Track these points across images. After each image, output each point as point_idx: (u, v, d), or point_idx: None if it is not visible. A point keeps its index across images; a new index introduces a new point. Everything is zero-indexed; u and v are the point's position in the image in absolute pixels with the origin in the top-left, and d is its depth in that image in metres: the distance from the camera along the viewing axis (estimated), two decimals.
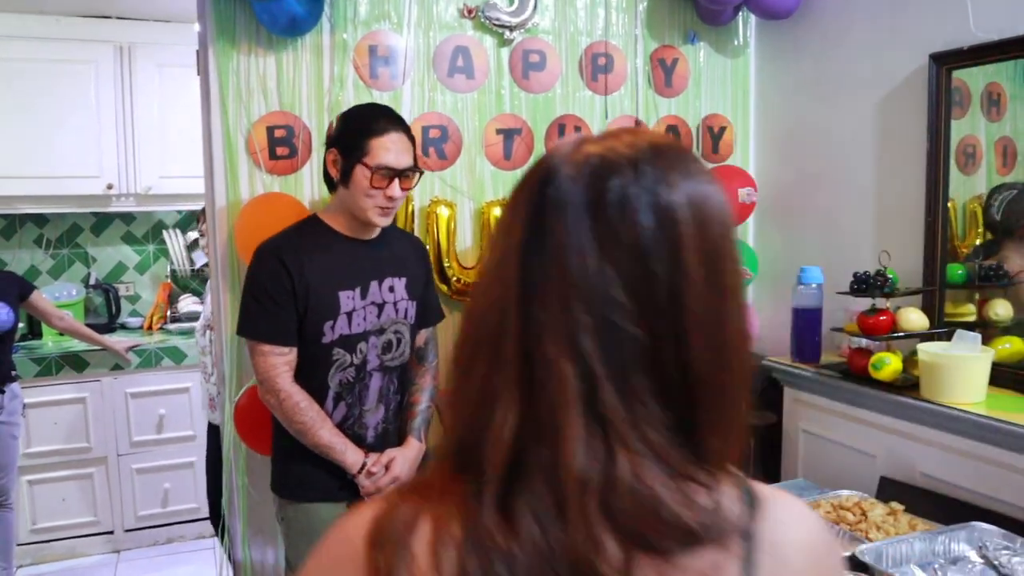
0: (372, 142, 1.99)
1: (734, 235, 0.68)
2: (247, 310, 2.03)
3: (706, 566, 0.61)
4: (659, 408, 0.61)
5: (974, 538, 1.70)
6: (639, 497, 0.59)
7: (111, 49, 3.90)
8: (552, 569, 0.58)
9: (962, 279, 2.42)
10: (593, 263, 0.61)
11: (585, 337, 0.60)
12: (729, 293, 0.64)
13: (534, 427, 0.61)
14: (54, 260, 4.31)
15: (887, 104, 2.61)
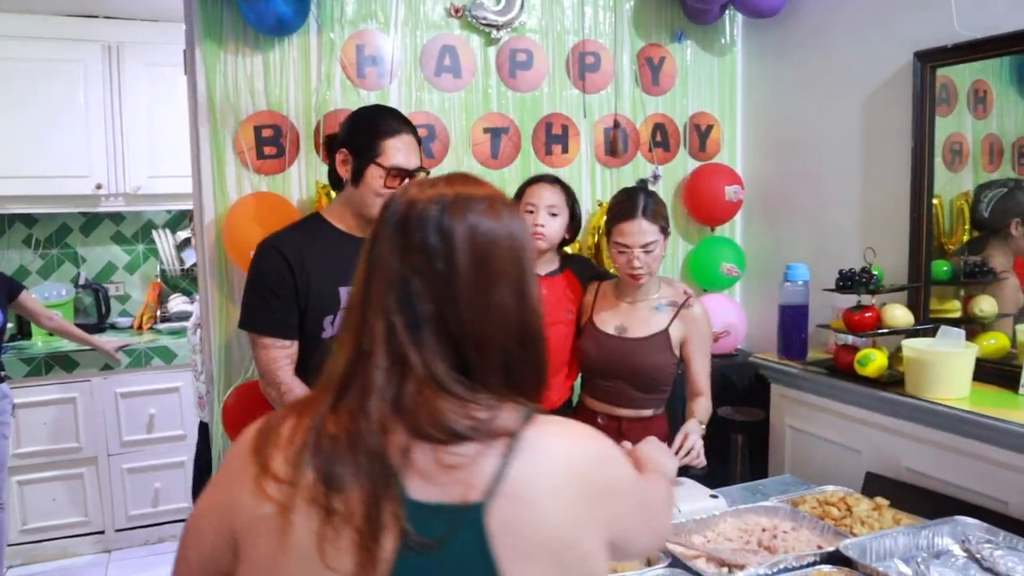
0: (385, 143, 2.00)
1: (507, 248, 0.96)
2: (249, 304, 2.03)
3: (470, 453, 0.88)
4: (443, 354, 0.92)
5: (957, 532, 1.71)
6: (420, 404, 0.89)
7: (99, 48, 3.89)
8: (358, 445, 0.88)
9: (947, 276, 2.44)
10: (395, 262, 0.94)
11: (392, 306, 0.93)
12: (495, 282, 0.94)
13: (359, 361, 0.93)
14: (43, 260, 4.29)
15: (873, 102, 2.63)
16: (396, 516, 0.86)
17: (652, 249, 2.17)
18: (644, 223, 2.15)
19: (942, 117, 2.43)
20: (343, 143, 2.04)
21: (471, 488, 0.87)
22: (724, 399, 2.81)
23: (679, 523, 1.78)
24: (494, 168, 2.77)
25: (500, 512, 0.86)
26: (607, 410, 2.30)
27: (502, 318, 0.94)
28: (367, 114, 2.08)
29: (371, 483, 0.87)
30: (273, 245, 2.01)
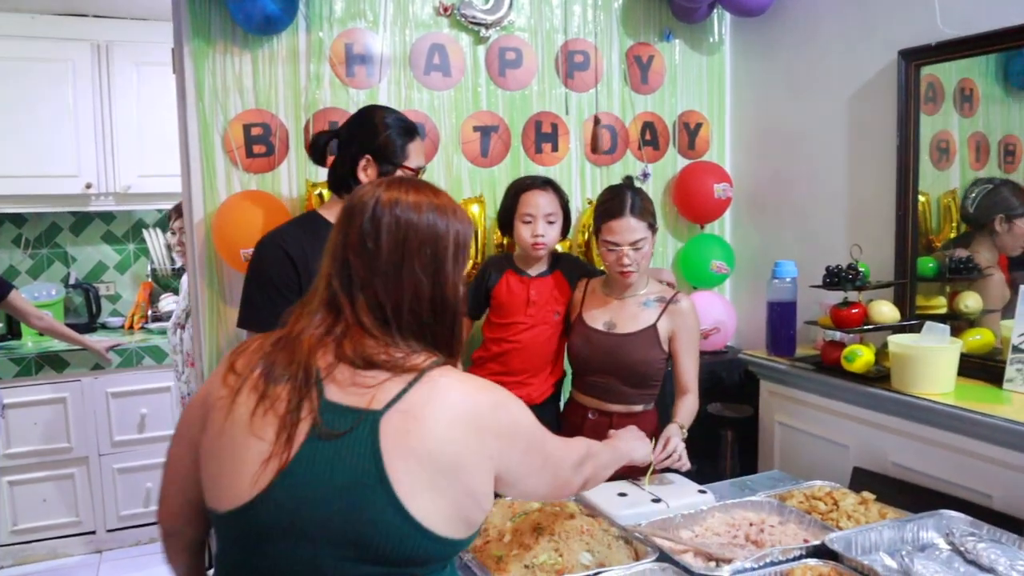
0: (410, 147, 2.03)
1: (423, 237, 1.20)
2: (251, 301, 2.01)
3: (380, 378, 1.13)
4: (370, 311, 1.17)
5: (942, 525, 1.73)
6: (346, 339, 1.16)
7: (88, 47, 3.88)
8: (293, 358, 1.16)
9: (933, 272, 2.46)
10: (340, 241, 1.22)
11: (333, 273, 1.21)
12: (410, 261, 1.19)
13: (303, 309, 1.23)
14: (33, 260, 4.28)
15: (858, 100, 2.64)
16: (312, 409, 1.11)
17: (641, 246, 2.18)
18: (632, 220, 2.16)
19: (929, 115, 2.44)
20: (364, 150, 2.01)
21: (375, 400, 1.11)
22: (714, 395, 2.83)
23: (667, 518, 1.79)
24: (484, 166, 2.78)
25: (393, 420, 1.09)
26: (597, 405, 2.31)
27: (415, 290, 1.19)
28: (383, 119, 2.05)
29: (298, 383, 1.13)
30: (276, 242, 2.00)
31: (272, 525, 1.10)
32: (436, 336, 1.22)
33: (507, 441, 1.18)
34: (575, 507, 1.86)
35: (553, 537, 1.68)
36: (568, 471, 1.39)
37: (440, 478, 1.10)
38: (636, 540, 1.69)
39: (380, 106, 2.14)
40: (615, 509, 1.85)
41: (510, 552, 1.64)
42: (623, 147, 3.00)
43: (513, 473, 1.21)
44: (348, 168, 2.04)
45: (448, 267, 1.22)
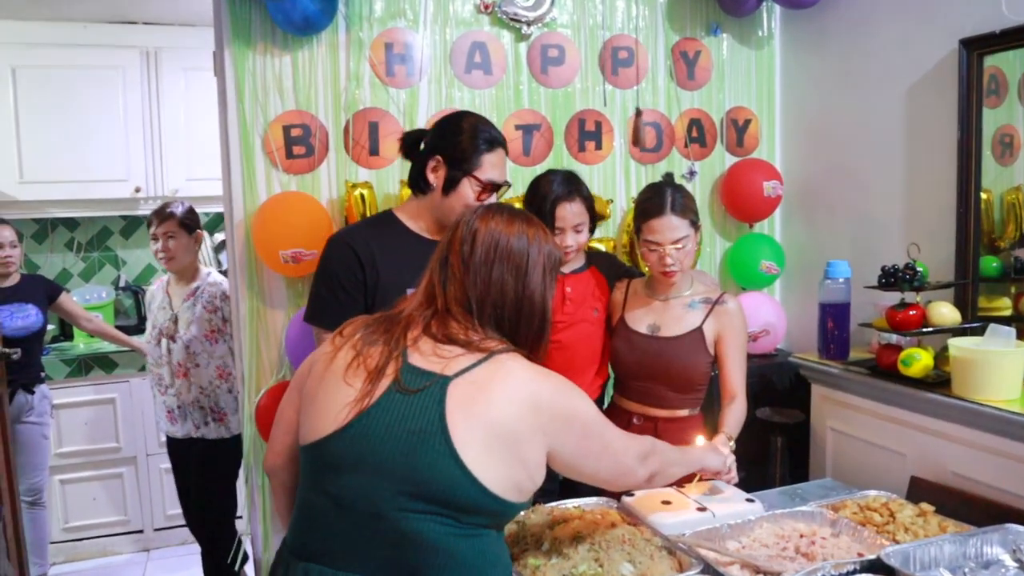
0: (484, 157, 1.99)
1: (511, 248, 1.41)
2: (318, 297, 2.03)
3: (456, 352, 1.33)
4: (459, 302, 1.38)
5: (1008, 541, 1.63)
6: (435, 320, 1.38)
7: (138, 54, 3.94)
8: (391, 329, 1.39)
9: (997, 272, 2.35)
10: (444, 243, 1.45)
11: (435, 270, 1.43)
12: (497, 265, 1.39)
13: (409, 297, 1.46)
14: (85, 263, 4.37)
15: (916, 93, 2.53)
16: (396, 369, 1.32)
17: (683, 245, 2.11)
18: (674, 219, 2.09)
19: (991, 109, 2.33)
20: (437, 150, 2.00)
21: (447, 368, 1.31)
22: (763, 400, 2.74)
23: (713, 528, 1.72)
24: (526, 165, 2.73)
25: (460, 386, 1.28)
26: (642, 411, 2.24)
27: (500, 289, 1.39)
28: (468, 126, 2.01)
29: (388, 347, 1.35)
30: (345, 240, 2.00)
31: (344, 456, 1.30)
32: (517, 332, 1.40)
33: (563, 423, 1.33)
34: (617, 515, 1.80)
35: (593, 546, 1.62)
36: (631, 461, 1.48)
37: (496, 442, 1.26)
38: (680, 551, 1.63)
39: (472, 113, 2.11)
40: (659, 518, 1.78)
41: (548, 561, 1.59)
42: (669, 145, 2.93)
43: (569, 454, 1.36)
44: (419, 167, 2.02)
45: (534, 278, 1.42)
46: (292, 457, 1.49)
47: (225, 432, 3.07)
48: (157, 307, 3.14)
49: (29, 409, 3.39)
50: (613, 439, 1.45)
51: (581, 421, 1.37)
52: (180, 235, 3.05)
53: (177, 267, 3.09)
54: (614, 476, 1.48)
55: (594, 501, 1.90)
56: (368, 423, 1.29)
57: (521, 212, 1.50)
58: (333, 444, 1.31)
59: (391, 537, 1.26)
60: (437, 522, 1.26)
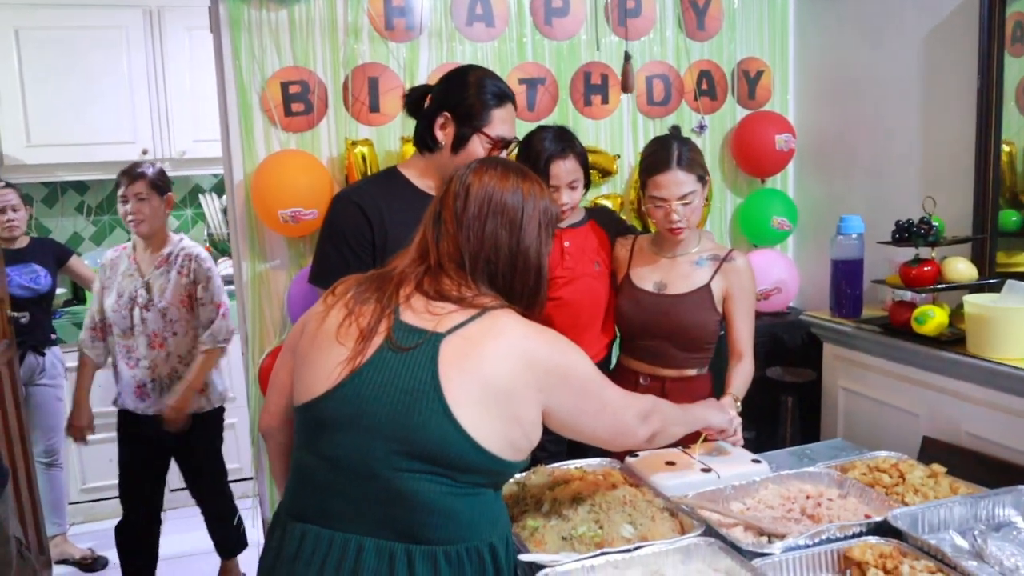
0: (494, 112, 1.92)
1: (505, 202, 1.38)
2: (324, 257, 1.96)
3: (449, 309, 1.31)
4: (452, 257, 1.36)
5: (1021, 502, 1.58)
6: (427, 276, 1.36)
7: (140, 14, 3.88)
8: (383, 287, 1.37)
9: (1017, 227, 2.28)
10: (438, 199, 1.42)
11: (428, 225, 1.41)
12: (491, 219, 1.36)
13: (403, 253, 1.43)
14: (95, 227, 4.36)
15: (934, 40, 2.44)
16: (388, 327, 1.31)
17: (690, 200, 2.05)
18: (680, 173, 2.03)
19: (1016, 57, 2.24)
20: (444, 107, 1.93)
21: (439, 325, 1.29)
22: (774, 359, 2.70)
23: (717, 489, 1.69)
24: (531, 120, 2.67)
25: (453, 342, 1.27)
26: (649, 370, 2.21)
27: (494, 243, 1.37)
28: (475, 80, 1.95)
29: (380, 305, 1.34)
30: (351, 199, 1.94)
31: (337, 416, 1.29)
32: (512, 289, 1.38)
33: (558, 379, 1.31)
34: (619, 476, 1.77)
35: (594, 507, 1.60)
36: (631, 419, 1.45)
37: (490, 399, 1.25)
38: (682, 512, 1.59)
39: (478, 66, 2.02)
40: (661, 479, 1.75)
41: (547, 522, 1.56)
42: (678, 98, 2.85)
43: (565, 412, 1.34)
44: (426, 124, 1.95)
45: (529, 233, 1.39)
46: (287, 419, 1.48)
47: (205, 404, 2.93)
48: (122, 274, 2.88)
49: (41, 371, 3.40)
50: (612, 397, 1.43)
51: (578, 377, 1.35)
52: (152, 197, 2.83)
53: (147, 231, 2.85)
54: (613, 435, 1.45)
55: (597, 462, 1.87)
56: (360, 382, 1.28)
57: (516, 166, 1.46)
58: (325, 404, 1.30)
59: (386, 496, 1.26)
60: (433, 481, 1.25)
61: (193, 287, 2.84)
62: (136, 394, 2.86)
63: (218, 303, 2.86)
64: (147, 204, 2.82)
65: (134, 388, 2.87)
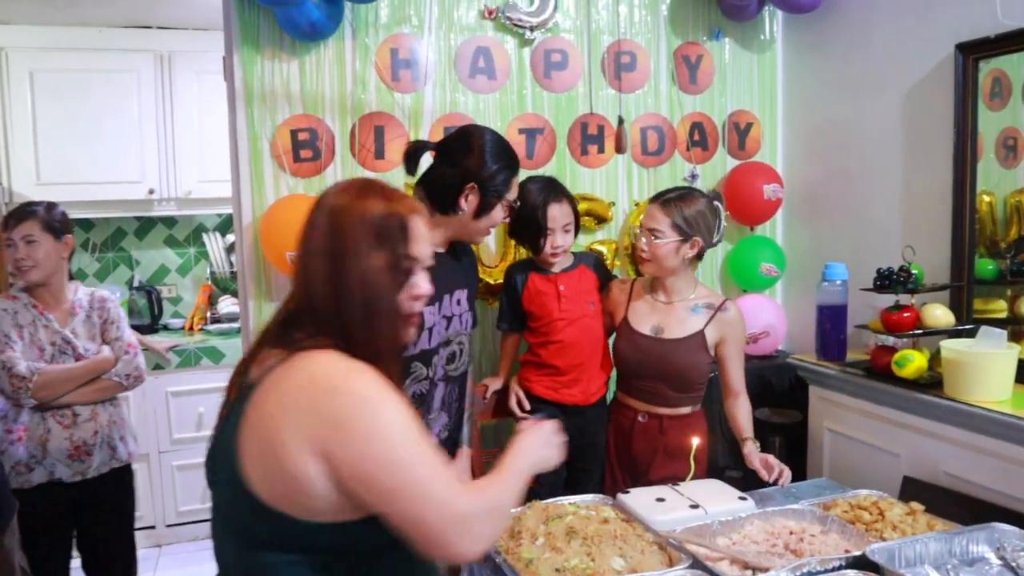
0: (513, 180, 2.02)
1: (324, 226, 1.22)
2: None
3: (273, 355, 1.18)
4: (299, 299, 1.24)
5: (994, 539, 1.66)
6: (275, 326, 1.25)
7: (151, 58, 4.00)
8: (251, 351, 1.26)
9: (993, 275, 2.36)
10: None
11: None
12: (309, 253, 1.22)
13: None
14: (100, 263, 4.44)
15: (914, 97, 2.56)
16: (238, 383, 1.21)
17: (657, 237, 2.20)
18: (657, 209, 2.22)
19: (995, 111, 2.36)
20: (470, 178, 1.95)
21: (261, 375, 1.16)
22: (763, 400, 2.77)
23: (704, 524, 1.76)
24: (530, 169, 2.76)
25: (257, 393, 1.14)
26: (647, 408, 2.31)
27: (313, 279, 1.21)
28: (496, 151, 1.98)
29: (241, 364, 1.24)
30: None
31: (209, 481, 1.24)
32: (345, 329, 1.18)
33: (335, 429, 1.08)
34: (610, 511, 1.84)
35: (586, 541, 1.66)
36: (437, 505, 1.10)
37: (267, 449, 1.10)
38: (670, 546, 1.66)
39: (489, 131, 2.04)
40: (651, 514, 1.82)
41: (541, 555, 1.63)
42: (671, 148, 2.96)
43: (344, 471, 1.08)
44: (452, 192, 1.95)
45: (353, 261, 1.19)
46: None
47: (125, 456, 2.65)
48: (31, 327, 2.48)
49: None
50: (422, 473, 1.10)
51: (365, 429, 1.08)
52: (44, 239, 2.48)
53: (38, 278, 2.49)
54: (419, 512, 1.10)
55: (590, 498, 1.94)
56: (212, 442, 1.23)
57: (355, 182, 1.30)
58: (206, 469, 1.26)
59: None
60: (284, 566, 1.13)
61: (105, 328, 2.62)
62: (73, 455, 2.48)
63: (129, 342, 2.64)
64: (39, 248, 2.47)
65: (71, 450, 2.48)
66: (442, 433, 2.12)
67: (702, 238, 2.22)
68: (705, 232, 2.23)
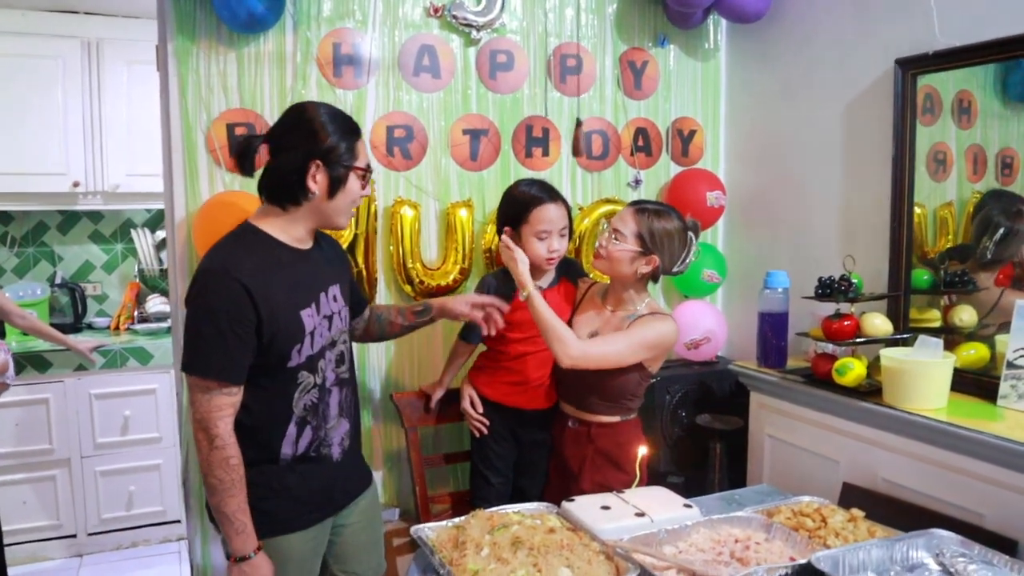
0: (358, 145, 1.85)
1: None
2: (199, 342, 1.72)
3: None
4: None
5: (932, 545, 1.68)
6: None
7: (78, 45, 3.83)
8: None
9: (928, 285, 2.42)
10: None
11: None
12: None
13: None
14: (19, 258, 4.23)
15: (854, 109, 2.60)
16: None
17: (620, 239, 2.18)
18: (628, 211, 2.21)
19: (926, 127, 2.41)
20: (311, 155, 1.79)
21: None
22: (703, 406, 2.79)
23: (650, 533, 1.74)
24: (473, 170, 2.74)
25: None
26: (577, 415, 2.29)
27: None
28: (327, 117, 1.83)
29: None
30: (233, 276, 1.71)
31: None
32: None
33: None
34: (556, 521, 1.81)
35: (532, 551, 1.63)
36: None
37: None
38: (617, 555, 1.64)
39: (312, 103, 1.89)
40: (597, 523, 1.79)
41: (487, 566, 1.59)
42: (615, 153, 2.96)
43: None
44: (296, 177, 1.79)
45: None
46: None
47: None
48: None
49: None
50: None
51: None
52: None
53: None
54: None
55: (534, 507, 1.91)
56: None
57: None
58: None
59: None
60: None
61: None
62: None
63: None
64: None
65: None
66: (344, 442, 1.98)
67: (661, 260, 2.18)
68: (667, 255, 2.18)
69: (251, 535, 1.78)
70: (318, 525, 1.93)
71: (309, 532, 1.90)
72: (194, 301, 1.74)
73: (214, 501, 1.75)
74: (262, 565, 1.79)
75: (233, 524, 1.75)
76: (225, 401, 1.73)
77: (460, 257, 2.67)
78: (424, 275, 2.63)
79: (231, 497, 1.74)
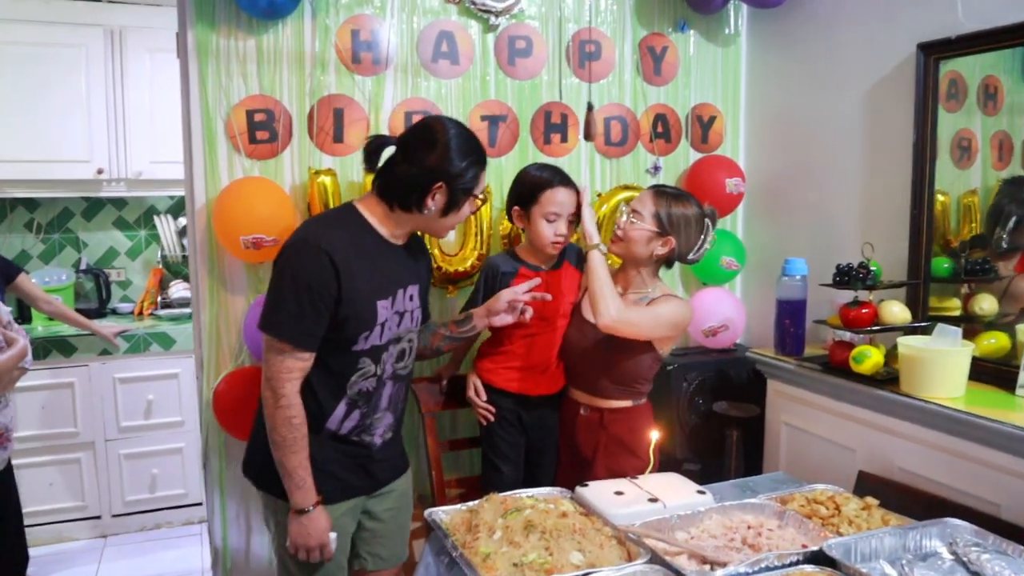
0: (481, 175, 1.97)
1: None
2: (280, 305, 1.80)
3: None
4: None
5: (946, 534, 1.67)
6: None
7: (101, 33, 3.87)
8: None
9: (948, 273, 2.39)
10: None
11: None
12: None
13: None
14: (45, 245, 4.29)
15: (875, 94, 2.57)
16: None
17: (638, 220, 2.22)
18: (647, 195, 2.25)
19: (951, 113, 2.38)
20: (439, 177, 1.87)
21: None
22: (720, 394, 2.78)
23: (663, 519, 1.75)
24: (491, 156, 2.69)
25: None
26: (588, 401, 2.30)
27: None
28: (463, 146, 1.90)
29: None
30: (324, 248, 1.79)
31: None
32: None
33: None
34: (569, 505, 1.82)
35: (544, 535, 1.64)
36: None
37: None
38: (629, 540, 1.65)
39: (445, 123, 1.91)
40: (610, 508, 1.80)
41: (499, 549, 1.60)
42: (634, 139, 2.95)
43: None
44: (417, 193, 1.87)
45: None
46: None
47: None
48: None
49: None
50: None
51: None
52: None
53: None
54: None
55: (548, 491, 1.92)
56: None
57: None
58: None
59: None
60: None
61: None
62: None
63: None
64: None
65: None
66: (386, 434, 2.04)
67: (677, 243, 2.20)
68: (683, 239, 2.20)
69: (311, 490, 1.87)
70: (348, 503, 1.99)
71: (339, 507, 1.96)
72: (283, 265, 1.83)
73: (277, 456, 1.86)
74: (320, 518, 1.89)
75: (294, 479, 1.85)
76: (295, 364, 1.82)
77: (478, 243, 2.68)
78: (442, 261, 2.64)
79: (293, 454, 1.84)
